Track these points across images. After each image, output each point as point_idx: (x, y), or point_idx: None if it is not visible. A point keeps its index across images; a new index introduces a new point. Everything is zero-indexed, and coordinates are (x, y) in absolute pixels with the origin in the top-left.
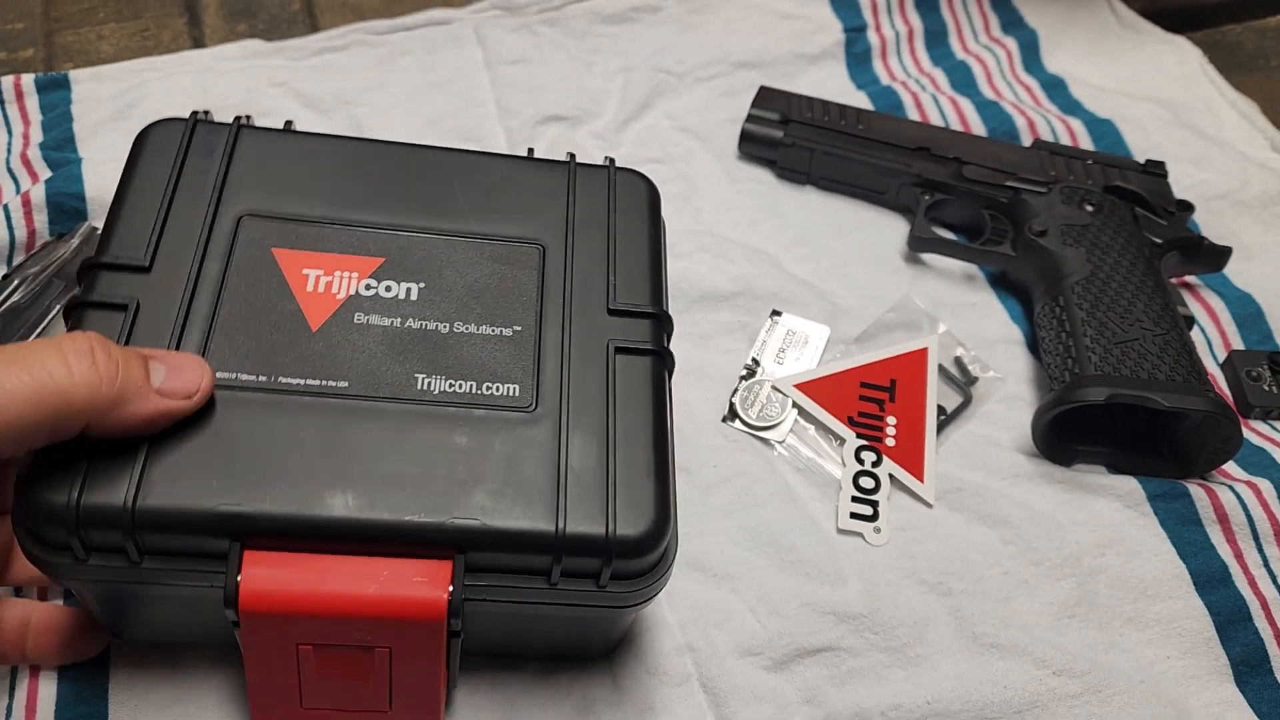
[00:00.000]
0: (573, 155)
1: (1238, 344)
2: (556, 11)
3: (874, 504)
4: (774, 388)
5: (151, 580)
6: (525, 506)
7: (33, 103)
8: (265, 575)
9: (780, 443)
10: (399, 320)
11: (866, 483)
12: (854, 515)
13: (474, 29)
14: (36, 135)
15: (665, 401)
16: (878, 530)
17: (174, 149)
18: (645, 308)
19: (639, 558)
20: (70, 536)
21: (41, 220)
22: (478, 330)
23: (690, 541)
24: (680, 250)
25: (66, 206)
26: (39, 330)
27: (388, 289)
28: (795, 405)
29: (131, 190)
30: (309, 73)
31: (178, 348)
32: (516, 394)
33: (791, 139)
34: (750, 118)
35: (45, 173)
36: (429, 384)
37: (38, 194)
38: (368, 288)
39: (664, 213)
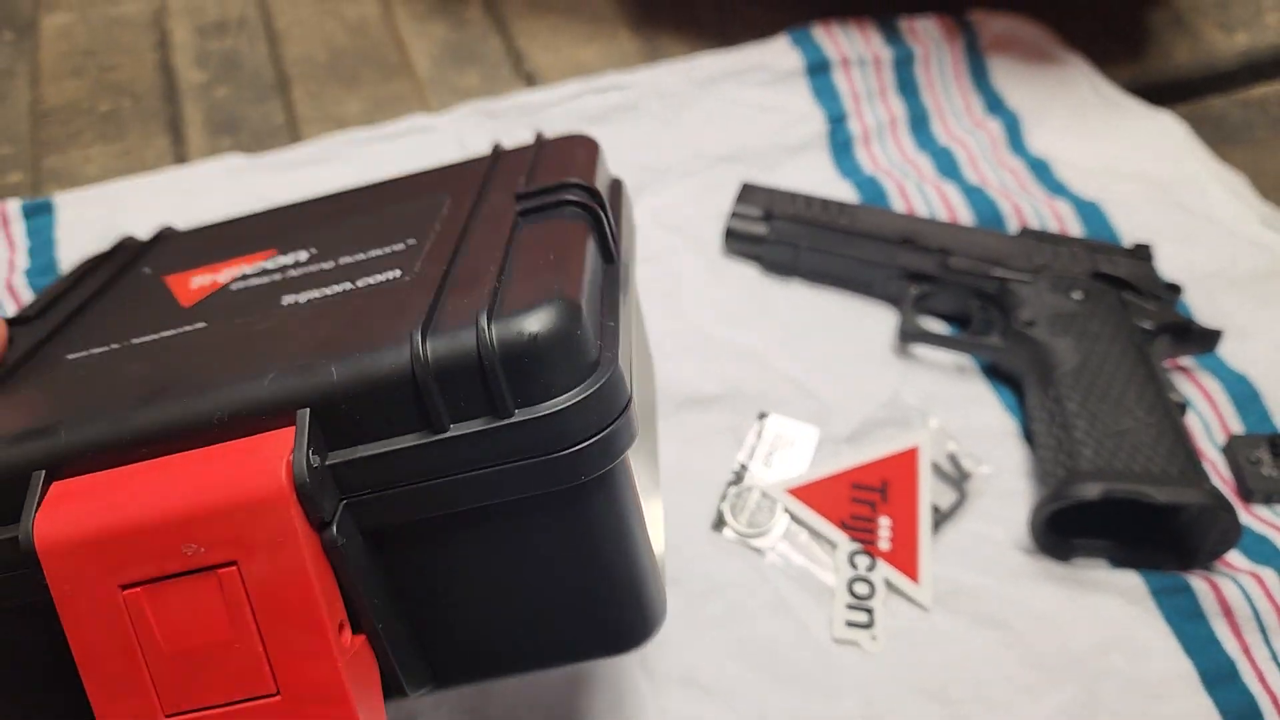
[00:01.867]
0: (497, 144)
1: (1235, 426)
2: (536, 114)
3: (869, 610)
4: (764, 493)
5: None
6: (387, 342)
7: (19, 229)
8: (68, 499)
9: (771, 550)
10: (279, 276)
11: (861, 589)
12: (849, 623)
13: (455, 134)
14: (22, 262)
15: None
16: (874, 638)
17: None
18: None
19: (544, 359)
20: None
21: None
22: (366, 255)
23: (682, 654)
24: (666, 351)
25: None
26: None
27: (273, 262)
28: (786, 510)
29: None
30: (290, 186)
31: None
32: (396, 276)
33: (775, 235)
34: (733, 215)
35: (30, 299)
36: (295, 299)
37: None
38: (252, 268)
39: (650, 313)
